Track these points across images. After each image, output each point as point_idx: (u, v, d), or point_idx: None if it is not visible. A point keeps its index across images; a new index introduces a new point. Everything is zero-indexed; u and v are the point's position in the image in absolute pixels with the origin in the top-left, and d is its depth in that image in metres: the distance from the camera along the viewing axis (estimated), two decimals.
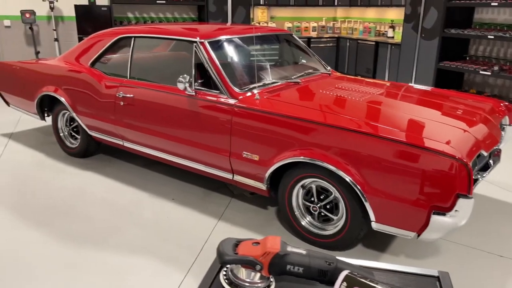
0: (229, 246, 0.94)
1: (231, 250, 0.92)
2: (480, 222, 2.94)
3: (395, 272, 0.96)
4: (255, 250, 0.91)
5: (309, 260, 0.90)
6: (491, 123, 2.68)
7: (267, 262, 0.89)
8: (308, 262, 0.90)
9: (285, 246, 0.92)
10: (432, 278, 0.94)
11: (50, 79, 3.87)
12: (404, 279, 0.94)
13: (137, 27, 3.51)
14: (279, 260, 0.90)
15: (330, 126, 2.35)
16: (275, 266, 0.90)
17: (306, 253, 0.91)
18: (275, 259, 0.89)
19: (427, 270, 0.95)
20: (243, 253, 0.91)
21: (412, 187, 2.10)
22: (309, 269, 0.90)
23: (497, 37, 5.58)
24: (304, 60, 3.77)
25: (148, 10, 7.68)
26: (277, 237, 0.94)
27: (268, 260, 0.89)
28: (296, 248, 0.92)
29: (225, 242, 0.95)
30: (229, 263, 0.91)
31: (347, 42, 8.40)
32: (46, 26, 7.04)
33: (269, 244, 0.91)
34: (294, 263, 0.90)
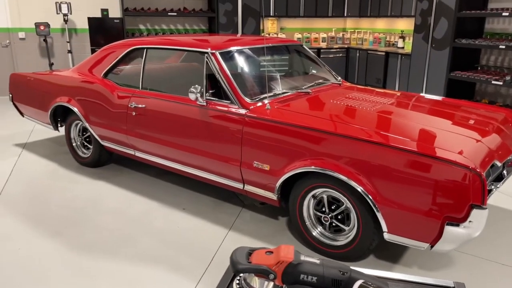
0: (243, 254, 0.94)
1: (245, 259, 0.92)
2: (494, 233, 2.89)
3: (410, 282, 0.95)
4: (269, 259, 0.91)
5: (323, 269, 0.90)
6: (505, 133, 2.65)
7: (280, 271, 0.89)
8: (322, 271, 0.90)
9: (298, 255, 0.92)
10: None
11: (63, 90, 3.93)
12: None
13: (149, 39, 3.56)
14: (292, 270, 0.89)
15: (341, 136, 2.34)
16: (288, 276, 0.90)
17: (320, 263, 0.91)
18: (288, 268, 0.89)
19: (442, 281, 0.94)
20: (257, 262, 0.91)
21: (424, 197, 2.08)
22: (323, 278, 0.89)
23: (508, 47, 5.54)
24: (314, 70, 3.79)
25: (160, 22, 7.80)
26: (291, 246, 0.93)
27: (282, 269, 0.89)
28: (309, 258, 0.92)
29: (238, 250, 0.95)
30: (242, 272, 0.91)
31: (357, 52, 8.42)
32: (60, 38, 7.18)
33: (283, 253, 0.91)
34: (308, 272, 0.90)
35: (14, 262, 2.53)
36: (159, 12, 7.43)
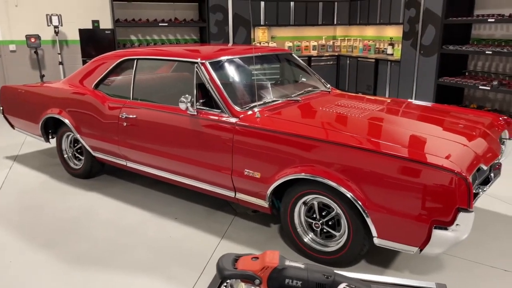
0: (229, 261, 0.95)
1: (231, 265, 0.94)
2: (483, 236, 2.93)
3: (393, 285, 0.97)
4: (254, 265, 0.93)
5: (307, 273, 0.92)
6: (491, 137, 2.70)
7: (265, 276, 0.91)
8: (306, 275, 0.91)
9: (283, 260, 0.94)
10: None
11: (54, 101, 3.94)
12: None
13: (139, 50, 3.59)
14: (277, 274, 0.91)
15: (330, 143, 2.37)
16: (273, 280, 0.91)
17: (305, 267, 0.93)
18: (273, 273, 0.91)
19: (424, 283, 0.97)
20: (243, 267, 0.93)
21: (412, 202, 2.11)
22: (307, 282, 0.91)
23: (495, 53, 5.64)
24: (304, 78, 3.83)
25: (151, 32, 7.84)
26: (276, 251, 0.95)
27: (267, 274, 0.91)
28: (294, 262, 0.94)
29: (224, 257, 0.97)
30: (228, 278, 0.92)
31: (347, 60, 8.51)
32: (51, 50, 7.19)
33: (268, 258, 0.93)
34: (293, 277, 0.91)
35: (5, 274, 2.51)
36: (150, 23, 7.47)
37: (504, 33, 6.05)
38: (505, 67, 6.14)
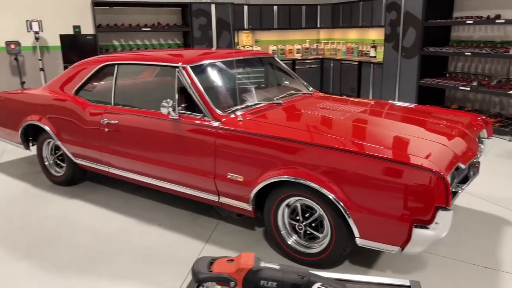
0: (204, 264, 0.95)
1: (206, 268, 0.94)
2: (463, 234, 2.97)
3: (367, 283, 0.98)
4: (229, 267, 0.93)
5: (282, 274, 0.92)
6: (469, 137, 2.75)
7: (241, 279, 0.91)
8: (281, 276, 0.92)
9: (258, 262, 0.94)
10: (404, 287, 0.96)
11: (34, 108, 3.88)
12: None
13: (121, 55, 3.56)
14: (252, 276, 0.91)
15: (311, 145, 2.39)
16: (249, 282, 0.91)
17: (280, 268, 0.93)
18: (248, 275, 0.91)
19: (398, 280, 0.98)
20: (218, 270, 0.93)
21: (393, 201, 2.13)
22: (283, 283, 0.91)
23: (474, 54, 5.76)
24: (286, 81, 3.85)
25: (134, 37, 7.80)
26: (251, 253, 0.95)
27: (242, 276, 0.91)
28: (269, 264, 0.94)
29: (200, 260, 0.96)
30: (204, 281, 0.92)
31: (331, 62, 8.58)
32: (31, 56, 7.09)
33: (243, 260, 0.93)
34: (268, 278, 0.92)
35: None
36: (133, 27, 7.43)
37: (483, 35, 6.18)
38: (484, 67, 6.27)
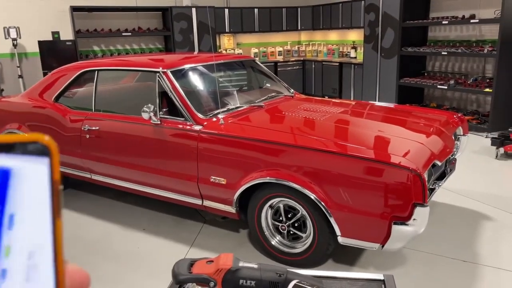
0: (184, 266, 0.97)
1: (186, 270, 0.96)
2: (442, 229, 3.05)
3: (343, 279, 1.01)
4: (209, 268, 0.95)
5: (261, 273, 0.95)
6: (445, 134, 2.82)
7: (220, 279, 0.93)
8: (260, 275, 0.94)
9: (237, 262, 0.96)
10: (378, 281, 1.00)
11: (13, 116, 3.83)
12: (352, 285, 1.00)
13: (100, 60, 3.55)
14: (231, 276, 0.94)
15: (293, 146, 2.43)
16: (228, 282, 0.94)
17: (258, 267, 0.96)
18: (227, 275, 0.93)
19: (373, 275, 1.01)
20: (197, 271, 0.95)
21: (373, 200, 2.18)
22: (261, 282, 0.94)
23: (450, 53, 5.90)
24: (267, 84, 3.89)
25: (115, 42, 7.74)
26: (230, 254, 0.98)
27: (221, 276, 0.93)
28: (248, 263, 0.97)
29: (180, 262, 0.98)
30: (184, 283, 0.94)
31: (312, 64, 8.67)
32: (9, 63, 6.97)
33: (222, 261, 0.95)
34: (246, 277, 0.94)
35: None
36: (113, 32, 7.38)
37: (458, 34, 6.34)
38: (460, 66, 6.43)
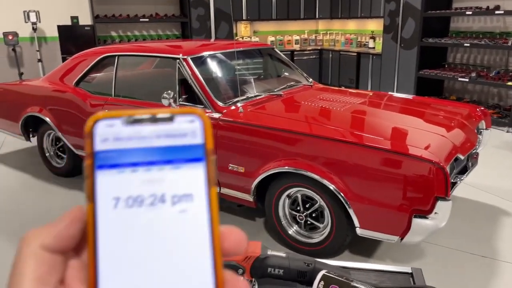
0: None
1: None
2: (462, 224, 3.02)
3: (371, 270, 1.01)
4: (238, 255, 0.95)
5: (289, 262, 0.95)
6: (468, 128, 2.77)
7: (248, 266, 0.94)
8: (288, 264, 0.94)
9: (265, 250, 0.96)
10: (406, 274, 0.99)
11: (34, 100, 3.88)
12: (380, 276, 0.99)
13: (121, 46, 3.56)
14: (260, 264, 0.94)
15: (312, 136, 2.41)
16: (256, 269, 0.94)
17: (286, 256, 0.96)
18: (256, 262, 0.94)
19: (401, 268, 1.01)
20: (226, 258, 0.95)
21: (393, 192, 2.16)
22: (289, 270, 0.94)
23: (473, 45, 5.77)
24: (286, 73, 3.86)
25: (132, 28, 7.76)
26: (258, 242, 0.98)
27: (250, 263, 0.94)
28: (276, 252, 0.97)
29: None
30: None
31: (329, 53, 8.57)
32: (29, 47, 7.05)
33: (250, 248, 0.95)
34: (275, 265, 0.94)
35: None
36: (131, 18, 7.39)
37: (482, 26, 6.18)
38: (482, 59, 6.29)
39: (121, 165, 0.33)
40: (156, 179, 0.33)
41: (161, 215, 0.32)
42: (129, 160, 0.33)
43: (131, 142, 0.33)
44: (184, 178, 0.33)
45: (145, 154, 0.33)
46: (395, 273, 1.00)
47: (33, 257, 0.31)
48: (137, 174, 0.33)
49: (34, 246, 0.31)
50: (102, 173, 0.33)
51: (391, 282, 0.98)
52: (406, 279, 0.98)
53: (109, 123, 0.33)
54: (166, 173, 0.33)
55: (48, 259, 0.31)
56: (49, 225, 0.33)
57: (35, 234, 0.32)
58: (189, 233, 0.32)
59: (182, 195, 0.33)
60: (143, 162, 0.33)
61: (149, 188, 0.33)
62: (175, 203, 0.33)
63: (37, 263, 0.31)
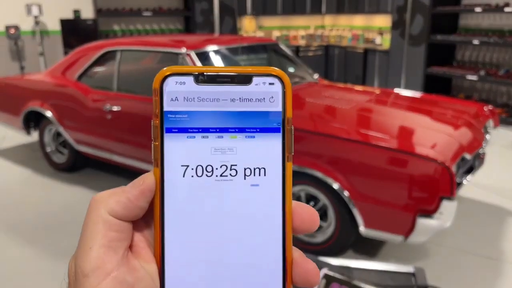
0: None
1: None
2: (468, 224, 2.95)
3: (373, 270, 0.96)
4: None
5: None
6: (475, 127, 2.70)
7: None
8: None
9: None
10: (408, 274, 0.95)
11: (35, 94, 3.85)
12: (382, 276, 0.94)
13: (123, 40, 3.52)
14: None
15: (317, 134, 2.36)
16: None
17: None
18: None
19: (403, 267, 0.96)
20: None
21: (397, 191, 2.10)
22: None
23: (482, 42, 5.66)
24: (291, 69, 3.80)
25: (135, 22, 7.71)
26: None
27: None
28: None
29: None
30: None
31: (335, 50, 8.48)
32: (31, 41, 7.02)
33: None
34: None
35: None
36: (134, 12, 7.34)
37: (491, 23, 6.07)
38: (492, 57, 6.18)
39: (191, 129, 0.31)
40: (228, 148, 0.31)
41: (231, 187, 0.31)
42: (200, 125, 0.31)
43: (203, 104, 0.31)
44: (258, 150, 0.31)
45: (217, 119, 0.31)
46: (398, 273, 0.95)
47: (102, 222, 0.31)
48: (207, 141, 0.31)
49: (103, 212, 0.31)
50: (171, 137, 0.31)
51: (393, 281, 0.93)
52: (408, 278, 0.93)
53: (180, 79, 0.31)
54: (239, 142, 0.31)
55: (116, 225, 0.31)
56: (119, 191, 0.32)
57: (104, 198, 0.32)
58: (260, 207, 0.31)
59: (255, 168, 0.31)
60: (215, 128, 0.31)
61: (220, 158, 0.31)
62: (247, 176, 0.31)
63: (106, 229, 0.31)
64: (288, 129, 0.31)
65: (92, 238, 0.30)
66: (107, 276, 0.29)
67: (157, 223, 0.31)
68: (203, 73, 0.31)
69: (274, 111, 0.31)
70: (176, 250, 0.31)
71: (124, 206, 0.31)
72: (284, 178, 0.31)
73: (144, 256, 0.32)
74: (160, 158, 0.31)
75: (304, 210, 0.32)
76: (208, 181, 0.31)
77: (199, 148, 0.31)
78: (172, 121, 0.31)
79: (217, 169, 0.31)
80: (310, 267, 0.32)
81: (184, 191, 0.31)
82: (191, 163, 0.31)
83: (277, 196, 0.31)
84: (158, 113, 0.31)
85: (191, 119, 0.31)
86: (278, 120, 0.31)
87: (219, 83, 0.31)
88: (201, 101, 0.31)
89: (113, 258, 0.30)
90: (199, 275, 0.31)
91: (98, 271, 0.29)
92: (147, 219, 0.33)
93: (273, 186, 0.31)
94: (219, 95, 0.31)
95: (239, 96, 0.31)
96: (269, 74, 0.31)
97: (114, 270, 0.30)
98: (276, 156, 0.31)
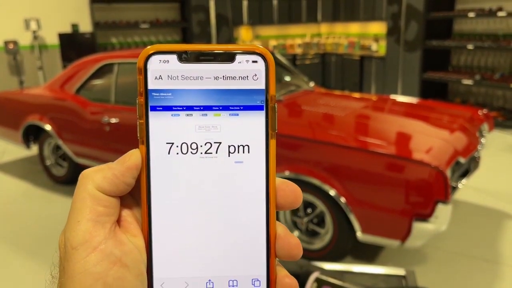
0: None
1: None
2: (464, 228, 2.97)
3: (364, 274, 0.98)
4: None
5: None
6: (469, 131, 2.73)
7: None
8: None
9: None
10: (399, 277, 0.97)
11: (34, 108, 3.88)
12: (374, 279, 0.96)
13: (120, 53, 3.56)
14: None
15: (313, 142, 2.38)
16: None
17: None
18: None
19: (394, 270, 0.98)
20: None
21: (393, 196, 2.13)
22: None
23: (476, 47, 5.72)
24: (286, 77, 3.84)
25: (132, 34, 7.78)
26: None
27: None
28: None
29: None
30: None
31: (332, 57, 8.54)
32: (29, 55, 7.07)
33: None
34: None
35: None
36: (131, 24, 7.41)
37: (485, 27, 6.13)
38: (486, 61, 6.23)
39: (175, 107, 0.31)
40: (212, 125, 0.31)
41: (215, 164, 0.31)
42: (184, 103, 0.31)
43: (186, 82, 0.31)
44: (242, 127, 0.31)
45: (201, 97, 0.31)
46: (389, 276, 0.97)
47: (89, 198, 0.32)
48: (192, 119, 0.31)
49: (91, 187, 0.32)
50: (155, 115, 0.31)
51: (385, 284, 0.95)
52: (399, 281, 0.95)
53: (164, 58, 0.31)
54: (223, 120, 0.31)
55: (104, 200, 0.32)
56: (105, 167, 0.33)
57: (91, 174, 0.32)
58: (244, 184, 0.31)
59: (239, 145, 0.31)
60: (199, 106, 0.31)
61: (205, 135, 0.31)
62: (231, 153, 0.31)
63: (93, 204, 0.31)
64: (272, 106, 0.32)
65: (80, 212, 0.32)
66: (95, 249, 0.31)
67: (144, 199, 0.32)
68: (186, 51, 0.31)
69: (258, 89, 0.32)
70: (163, 225, 0.31)
71: (111, 182, 0.32)
72: (267, 155, 0.32)
73: (131, 230, 0.33)
74: (146, 135, 0.32)
75: (288, 187, 0.33)
76: (193, 158, 0.31)
77: (184, 125, 0.31)
78: (156, 99, 0.31)
79: (202, 146, 0.31)
80: (293, 241, 0.33)
81: (170, 168, 0.31)
82: (176, 140, 0.31)
83: (261, 172, 0.31)
84: (142, 92, 0.31)
85: (175, 97, 0.31)
86: (262, 98, 0.32)
87: (203, 61, 0.31)
88: (185, 79, 0.31)
89: (101, 232, 0.31)
90: (185, 249, 0.31)
91: (86, 244, 0.31)
92: (135, 195, 0.34)
93: (257, 163, 0.31)
94: (203, 73, 0.31)
95: (222, 74, 0.31)
96: (252, 52, 0.31)
97: (101, 243, 0.31)
98: (260, 134, 0.32)
